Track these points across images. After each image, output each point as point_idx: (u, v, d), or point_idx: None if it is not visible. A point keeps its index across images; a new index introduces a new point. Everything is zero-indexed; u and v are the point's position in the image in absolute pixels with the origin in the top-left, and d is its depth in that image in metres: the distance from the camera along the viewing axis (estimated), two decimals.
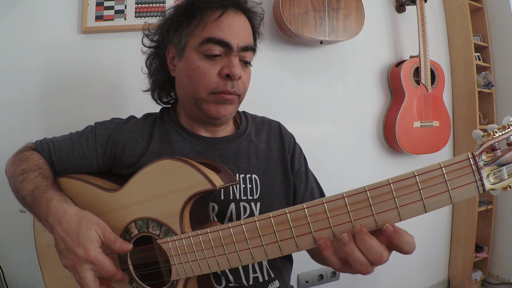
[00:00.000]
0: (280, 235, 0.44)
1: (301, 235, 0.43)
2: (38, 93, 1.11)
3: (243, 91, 0.68)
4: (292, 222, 0.43)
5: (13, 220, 1.06)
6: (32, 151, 0.71)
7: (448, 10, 1.83)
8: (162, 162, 0.56)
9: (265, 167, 0.72)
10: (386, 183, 0.40)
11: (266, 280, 0.69)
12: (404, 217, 0.40)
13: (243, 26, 0.66)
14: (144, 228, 0.57)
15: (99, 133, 0.72)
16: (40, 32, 1.11)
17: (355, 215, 0.41)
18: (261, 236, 0.45)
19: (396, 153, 1.66)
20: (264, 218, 0.45)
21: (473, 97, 1.70)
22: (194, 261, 0.50)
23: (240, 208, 0.67)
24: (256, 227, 0.45)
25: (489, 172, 0.38)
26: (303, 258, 0.74)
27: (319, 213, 0.42)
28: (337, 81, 1.53)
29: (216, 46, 0.63)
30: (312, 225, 0.43)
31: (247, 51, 0.66)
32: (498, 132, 0.38)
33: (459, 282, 1.80)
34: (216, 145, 0.71)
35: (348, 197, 0.41)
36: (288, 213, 0.43)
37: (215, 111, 0.66)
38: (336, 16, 1.35)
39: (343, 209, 0.41)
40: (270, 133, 0.78)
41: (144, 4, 1.20)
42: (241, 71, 0.65)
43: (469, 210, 1.75)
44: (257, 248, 0.46)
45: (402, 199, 0.40)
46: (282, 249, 0.44)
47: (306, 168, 0.80)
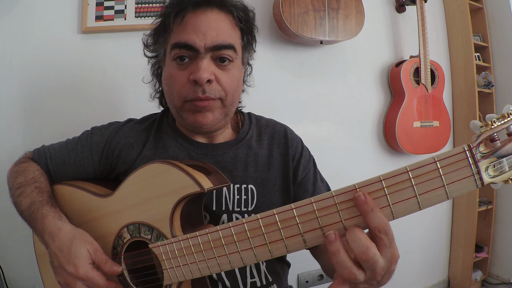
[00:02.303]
0: (269, 236, 0.42)
1: (290, 237, 0.41)
2: (38, 93, 1.11)
3: (224, 93, 0.62)
4: (280, 223, 0.42)
5: (13, 220, 1.06)
6: (29, 161, 0.72)
7: (448, 10, 1.83)
8: (151, 166, 0.56)
9: (264, 176, 0.69)
10: (377, 180, 0.38)
11: (264, 285, 0.67)
12: (397, 215, 0.38)
13: (215, 23, 0.60)
14: (136, 233, 0.56)
15: (94, 140, 0.71)
16: (40, 32, 1.11)
17: (345, 214, 0.39)
18: (250, 239, 0.44)
19: (396, 153, 1.66)
20: (252, 220, 0.43)
21: (473, 97, 1.70)
22: (185, 265, 0.49)
23: (232, 219, 0.65)
24: (245, 229, 0.44)
25: (488, 165, 0.36)
26: (303, 258, 0.74)
27: (308, 212, 0.40)
28: (337, 81, 1.53)
29: (182, 50, 0.60)
30: (301, 225, 0.41)
31: (220, 49, 0.59)
32: (497, 122, 0.36)
33: (459, 282, 1.80)
34: (212, 152, 0.68)
35: (337, 195, 0.39)
36: (276, 214, 0.42)
37: (193, 120, 0.62)
38: (336, 16, 1.35)
39: (332, 208, 0.39)
40: (274, 137, 0.73)
41: (144, 4, 1.20)
42: (211, 73, 0.59)
43: (469, 210, 1.75)
44: (246, 251, 0.44)
45: (394, 196, 0.38)
46: (272, 251, 0.43)
47: (315, 177, 0.74)
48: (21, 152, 0.76)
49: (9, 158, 0.86)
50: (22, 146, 1.05)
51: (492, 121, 0.36)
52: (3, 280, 1.04)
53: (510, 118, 0.35)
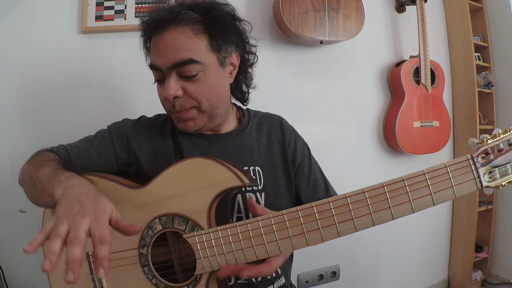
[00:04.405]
0: (307, 227, 0.50)
1: (326, 227, 0.49)
2: (38, 93, 1.11)
3: (196, 102, 0.66)
4: (318, 215, 0.50)
5: (13, 220, 1.06)
6: (47, 152, 0.71)
7: (448, 10, 1.83)
8: (192, 160, 0.58)
9: (266, 159, 0.75)
10: (400, 180, 0.48)
11: (274, 277, 0.71)
12: (416, 209, 0.47)
13: (171, 42, 0.63)
14: (169, 223, 0.58)
15: (113, 130, 0.74)
16: (40, 32, 1.11)
17: (374, 208, 0.48)
18: (288, 228, 0.50)
19: (396, 153, 1.66)
20: (292, 212, 0.51)
21: (473, 97, 1.70)
22: (221, 255, 0.53)
23: (246, 198, 0.69)
24: (284, 220, 0.51)
25: (485, 172, 0.47)
26: (303, 258, 0.74)
27: (342, 205, 0.49)
28: (337, 81, 1.53)
29: (154, 72, 0.67)
30: (336, 217, 0.49)
31: (180, 66, 0.63)
32: (490, 140, 0.48)
33: (459, 282, 1.80)
34: (219, 142, 0.74)
35: (368, 191, 0.48)
36: (315, 206, 0.50)
37: (179, 127, 0.70)
38: (336, 16, 1.35)
39: (363, 202, 0.48)
40: (272, 127, 0.80)
41: (144, 4, 1.20)
42: (178, 88, 0.63)
43: (469, 210, 1.75)
44: (284, 240, 0.50)
45: (414, 194, 0.47)
46: (308, 240, 0.50)
47: (310, 160, 0.82)
48: (21, 152, 0.76)
49: (9, 158, 0.87)
50: (22, 146, 1.05)
51: (486, 139, 0.48)
52: (3, 280, 1.04)
53: (499, 138, 0.47)
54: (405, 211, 0.48)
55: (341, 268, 1.55)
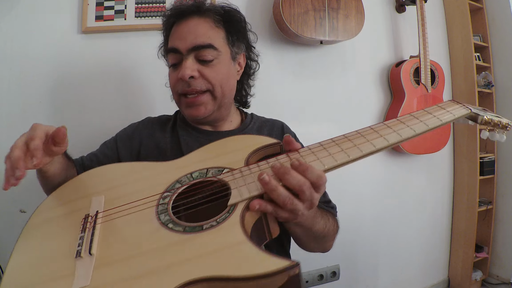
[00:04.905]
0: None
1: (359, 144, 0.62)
2: (38, 93, 1.11)
3: (211, 85, 0.70)
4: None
5: (13, 220, 1.07)
6: None
7: (448, 10, 1.83)
8: (224, 139, 0.63)
9: None
10: (408, 115, 0.60)
11: None
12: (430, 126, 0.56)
13: (194, 28, 0.69)
14: (201, 176, 0.56)
15: (119, 134, 0.81)
16: (40, 32, 1.11)
17: (396, 128, 0.58)
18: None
19: (396, 153, 1.66)
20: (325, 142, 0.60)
21: (473, 97, 1.70)
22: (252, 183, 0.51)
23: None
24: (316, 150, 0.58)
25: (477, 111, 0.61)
26: (303, 258, 0.74)
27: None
28: (337, 81, 1.53)
29: (171, 55, 0.71)
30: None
31: (199, 49, 0.68)
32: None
33: (459, 282, 1.80)
34: (218, 138, 0.73)
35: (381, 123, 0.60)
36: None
37: (188, 113, 0.73)
38: (336, 16, 1.35)
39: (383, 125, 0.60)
40: (273, 129, 0.82)
41: (144, 4, 1.20)
42: (194, 70, 0.68)
43: (469, 210, 1.75)
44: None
45: (422, 118, 0.58)
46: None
47: None
48: None
49: None
50: None
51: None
52: None
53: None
54: (420, 128, 0.56)
55: (341, 268, 1.55)
